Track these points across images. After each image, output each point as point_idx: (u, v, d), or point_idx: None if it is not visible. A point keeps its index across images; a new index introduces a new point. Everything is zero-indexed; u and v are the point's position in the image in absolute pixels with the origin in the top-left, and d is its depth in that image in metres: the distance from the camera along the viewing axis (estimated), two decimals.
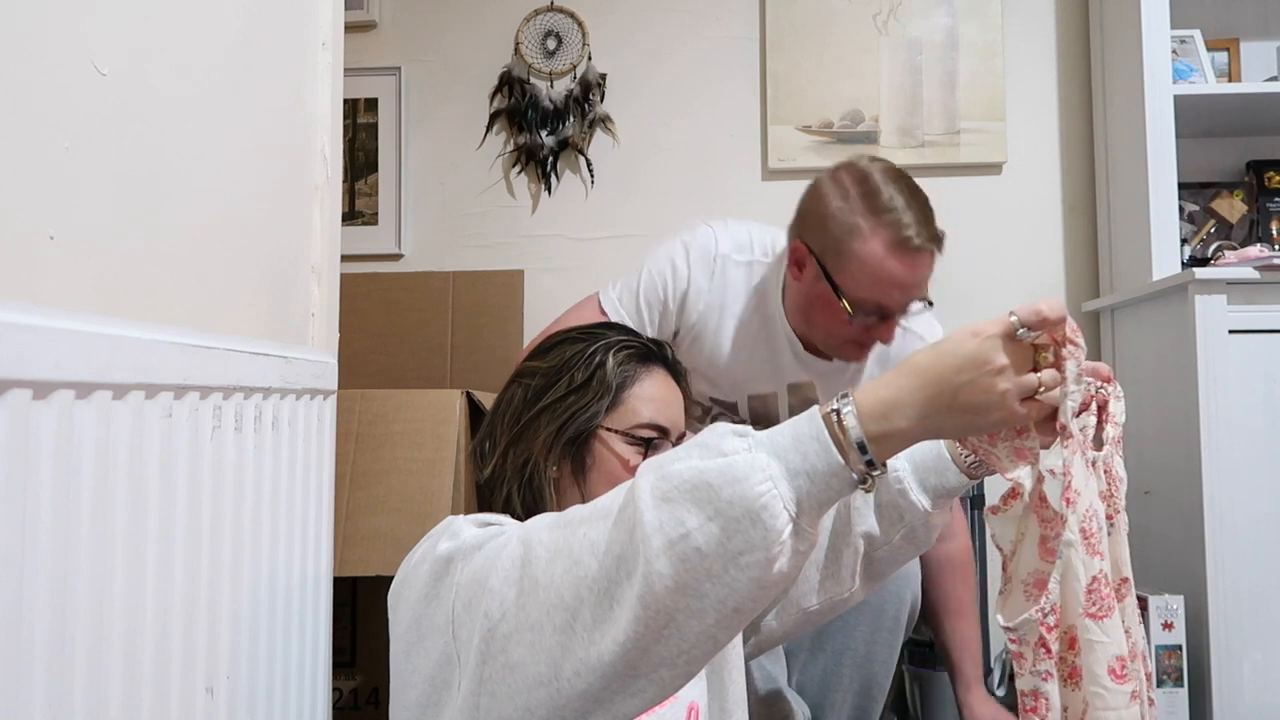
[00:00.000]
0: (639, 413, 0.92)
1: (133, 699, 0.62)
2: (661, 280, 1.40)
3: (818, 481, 0.61)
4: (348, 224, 2.20)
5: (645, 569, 0.60)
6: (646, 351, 0.96)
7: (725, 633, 0.62)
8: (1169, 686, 1.56)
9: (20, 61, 0.58)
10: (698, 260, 1.39)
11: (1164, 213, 1.85)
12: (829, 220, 1.26)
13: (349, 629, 1.54)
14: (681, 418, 0.97)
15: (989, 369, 0.65)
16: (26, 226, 0.58)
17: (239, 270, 0.89)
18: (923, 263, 1.28)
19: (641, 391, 0.93)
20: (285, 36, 1.00)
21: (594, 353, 0.93)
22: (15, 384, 0.51)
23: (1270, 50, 2.09)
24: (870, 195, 1.25)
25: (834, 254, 1.26)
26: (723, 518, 0.59)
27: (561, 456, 0.91)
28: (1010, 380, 0.65)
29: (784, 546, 0.60)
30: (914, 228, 1.25)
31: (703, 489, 0.60)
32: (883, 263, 1.24)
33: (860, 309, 1.26)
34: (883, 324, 1.28)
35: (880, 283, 1.24)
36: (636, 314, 1.42)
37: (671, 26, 2.25)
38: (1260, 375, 1.66)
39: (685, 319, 1.40)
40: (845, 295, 1.25)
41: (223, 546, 0.76)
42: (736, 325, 1.39)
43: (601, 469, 0.91)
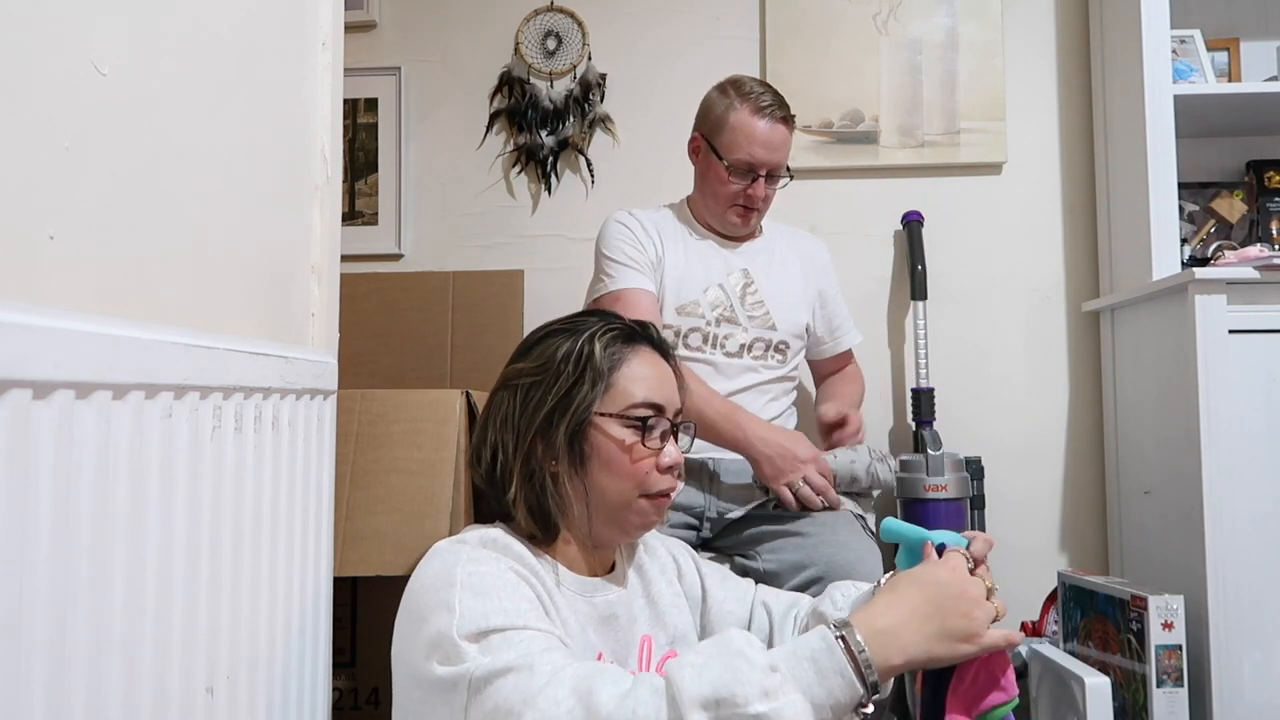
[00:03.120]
0: (631, 393, 0.93)
1: (133, 699, 0.62)
2: (620, 237, 1.69)
3: (838, 712, 0.71)
4: (348, 224, 2.20)
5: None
6: (631, 332, 0.97)
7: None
8: (1169, 686, 1.56)
9: (20, 61, 0.58)
10: (621, 215, 1.73)
11: (1164, 213, 1.85)
12: (711, 108, 1.69)
13: (349, 629, 1.54)
14: (676, 395, 0.98)
15: (972, 598, 0.78)
16: (26, 226, 0.58)
17: (239, 270, 0.89)
18: (778, 130, 1.64)
19: (631, 372, 0.94)
20: (285, 36, 1.00)
21: (582, 343, 0.93)
22: (15, 384, 0.51)
23: (1270, 50, 2.09)
24: (738, 84, 1.68)
25: (714, 129, 1.67)
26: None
27: (561, 450, 0.92)
28: (985, 610, 0.79)
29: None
30: (771, 105, 1.65)
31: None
32: (747, 124, 1.63)
33: (735, 170, 1.64)
34: (754, 183, 1.64)
35: (747, 140, 1.63)
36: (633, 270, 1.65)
37: (672, 27, 2.25)
38: (1260, 375, 1.66)
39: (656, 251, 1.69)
40: (724, 158, 1.64)
41: (223, 546, 0.76)
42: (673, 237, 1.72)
43: (601, 456, 0.92)
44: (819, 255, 1.83)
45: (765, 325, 1.69)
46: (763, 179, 1.65)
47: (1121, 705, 1.63)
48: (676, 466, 0.95)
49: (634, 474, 0.92)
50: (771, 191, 1.69)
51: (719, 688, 0.67)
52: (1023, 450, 2.12)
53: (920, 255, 2.07)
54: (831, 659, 0.71)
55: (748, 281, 1.70)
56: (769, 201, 1.70)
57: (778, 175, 1.67)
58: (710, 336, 1.67)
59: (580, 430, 0.92)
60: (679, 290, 1.68)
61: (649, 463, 0.93)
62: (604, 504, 0.93)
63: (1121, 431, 2.01)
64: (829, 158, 2.18)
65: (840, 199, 2.19)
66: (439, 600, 0.78)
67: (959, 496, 1.82)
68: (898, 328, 2.17)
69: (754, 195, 1.66)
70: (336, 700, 1.50)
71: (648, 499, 0.94)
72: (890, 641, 0.75)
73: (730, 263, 1.72)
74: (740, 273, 1.71)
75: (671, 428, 0.96)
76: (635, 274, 1.64)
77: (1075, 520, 2.11)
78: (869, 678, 0.72)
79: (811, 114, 2.19)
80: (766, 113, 1.64)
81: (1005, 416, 2.12)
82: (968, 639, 0.77)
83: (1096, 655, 1.72)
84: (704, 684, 0.68)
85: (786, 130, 1.66)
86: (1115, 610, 1.67)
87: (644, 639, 0.97)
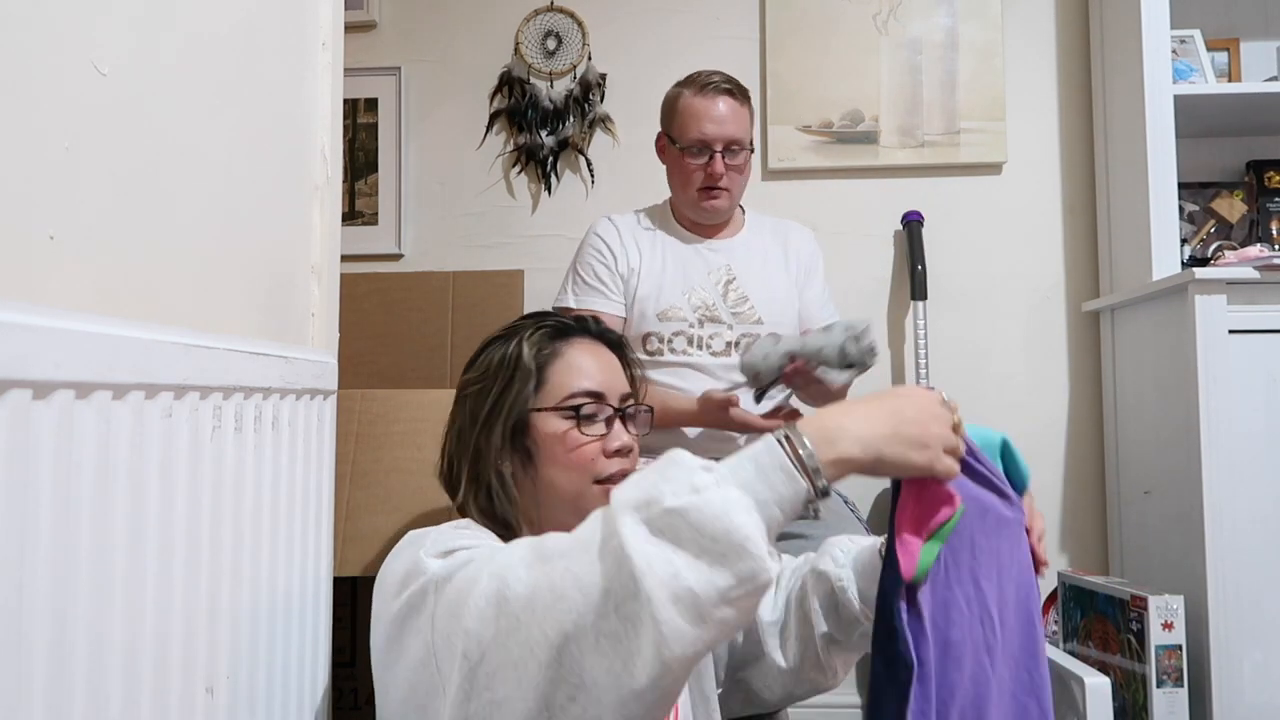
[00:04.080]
0: (566, 384, 0.95)
1: (133, 699, 0.62)
2: (594, 252, 1.72)
3: (784, 508, 0.66)
4: (348, 224, 2.20)
5: (641, 609, 0.62)
6: (563, 327, 0.99)
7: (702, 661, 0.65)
8: (1169, 686, 1.56)
9: (20, 61, 0.58)
10: (603, 226, 1.76)
11: (1164, 213, 1.85)
12: (666, 102, 1.72)
13: (349, 629, 1.54)
14: (619, 379, 0.98)
15: (933, 414, 0.75)
16: (26, 226, 0.58)
17: (239, 270, 0.89)
18: (724, 102, 1.65)
19: (565, 364, 0.96)
20: (285, 36, 1.00)
21: (513, 346, 0.96)
22: (15, 384, 0.51)
23: (1270, 50, 2.09)
24: (689, 75, 1.71)
25: (669, 120, 1.71)
26: (710, 555, 0.62)
27: (509, 452, 0.94)
28: (944, 430, 0.75)
29: (768, 573, 0.63)
30: (716, 81, 1.67)
31: (686, 528, 0.63)
32: (694, 104, 1.66)
33: (690, 151, 1.65)
34: (710, 160, 1.64)
35: (695, 119, 1.65)
36: (596, 291, 1.69)
37: (672, 27, 2.25)
38: (1260, 375, 1.66)
39: (628, 263, 1.71)
40: (679, 143, 1.67)
41: (223, 546, 0.76)
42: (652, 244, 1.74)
43: (544, 451, 0.94)
44: (803, 245, 1.80)
45: (751, 320, 1.68)
46: (719, 155, 1.64)
47: (1121, 705, 1.63)
48: (626, 449, 0.95)
49: (580, 463, 0.93)
50: (736, 169, 1.66)
51: (648, 489, 0.66)
52: (1023, 450, 2.10)
53: (920, 255, 2.07)
54: (772, 455, 0.67)
55: (730, 278, 1.70)
56: (737, 180, 1.68)
57: (736, 150, 1.66)
58: (695, 338, 1.66)
59: (521, 428, 0.94)
60: (658, 297, 1.68)
61: (593, 449, 0.93)
62: (558, 497, 0.94)
63: (1121, 431, 2.01)
64: (829, 158, 2.18)
65: (840, 199, 2.19)
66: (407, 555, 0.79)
67: None
68: (898, 328, 2.17)
69: (714, 173, 1.64)
70: (336, 700, 1.50)
71: (601, 485, 0.93)
72: (838, 435, 0.70)
73: (711, 261, 1.71)
74: (722, 270, 1.71)
75: (619, 413, 0.96)
76: (597, 296, 1.69)
77: (1075, 520, 2.11)
78: (811, 465, 0.67)
79: (811, 114, 2.19)
80: (710, 89, 1.65)
81: (1005, 416, 2.12)
82: (920, 446, 0.72)
83: (1096, 655, 1.72)
84: (636, 490, 0.66)
85: (734, 102, 1.65)
86: (1115, 610, 1.67)
87: None
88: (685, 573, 0.61)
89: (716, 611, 0.62)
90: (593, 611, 0.63)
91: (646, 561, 0.62)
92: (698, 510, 0.63)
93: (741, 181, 1.69)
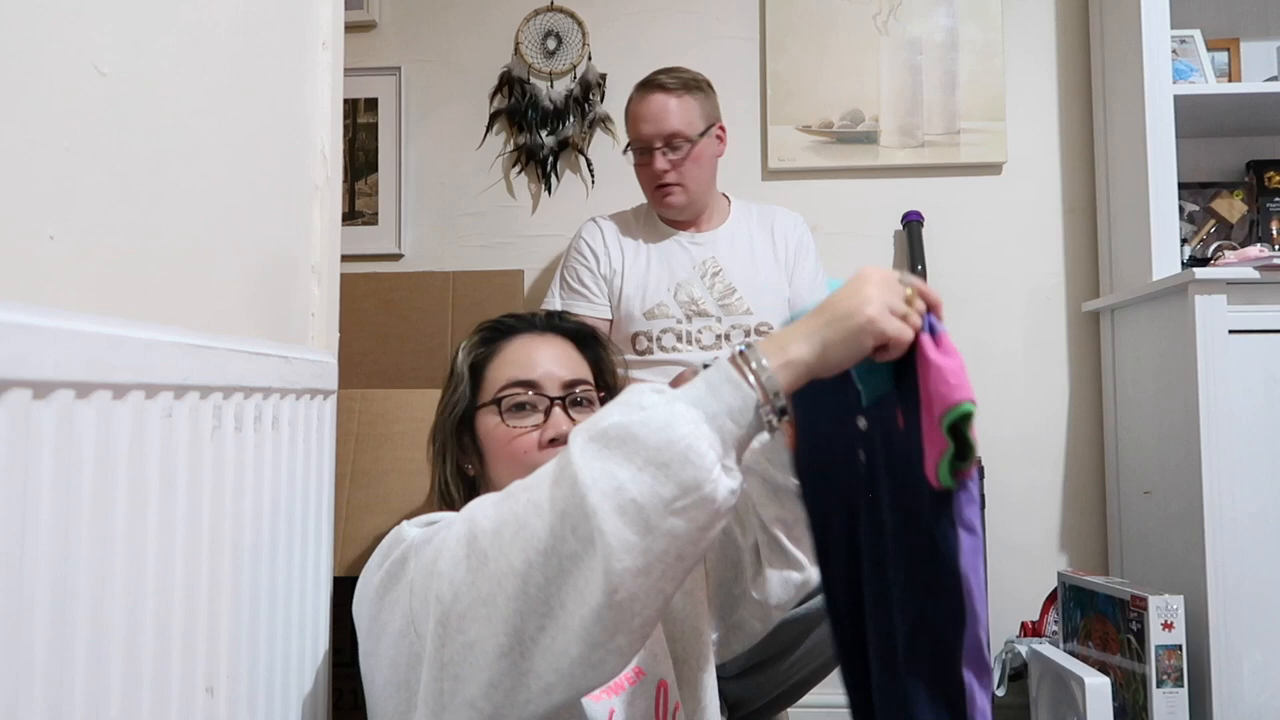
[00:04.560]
0: (497, 380, 0.96)
1: (133, 699, 0.62)
2: (578, 256, 1.75)
3: (736, 419, 0.65)
4: (348, 224, 2.20)
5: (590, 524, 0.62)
6: (502, 328, 1.01)
7: (671, 584, 0.64)
8: (1169, 686, 1.56)
9: (20, 61, 0.58)
10: (587, 229, 1.79)
11: (1164, 213, 1.85)
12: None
13: (349, 629, 1.54)
14: (564, 368, 0.97)
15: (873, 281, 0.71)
16: (26, 226, 0.58)
17: (239, 270, 0.89)
18: (656, 99, 1.65)
19: (500, 360, 0.98)
20: (285, 36, 1.00)
21: (453, 354, 1.01)
22: (15, 384, 0.51)
23: (1270, 50, 2.09)
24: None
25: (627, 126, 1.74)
26: (653, 465, 0.62)
27: (466, 454, 0.98)
28: (884, 292, 0.71)
29: (716, 484, 0.62)
30: (655, 78, 1.67)
31: (630, 441, 0.63)
32: (632, 106, 1.70)
33: (634, 151, 1.70)
34: (651, 157, 1.66)
35: (634, 120, 1.68)
36: (579, 295, 1.73)
37: (672, 27, 2.25)
38: (1260, 375, 1.66)
39: (610, 265, 1.73)
40: (629, 147, 1.71)
41: (223, 546, 0.76)
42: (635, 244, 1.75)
43: (488, 447, 0.95)
44: (790, 229, 1.78)
45: (740, 311, 1.68)
46: (659, 151, 1.64)
47: (1121, 705, 1.63)
48: (563, 438, 0.91)
49: (514, 455, 0.93)
50: (683, 161, 1.65)
51: (601, 414, 0.66)
52: (1023, 450, 2.12)
53: (920, 255, 2.07)
54: (720, 370, 0.67)
55: (715, 270, 1.70)
56: (690, 172, 1.66)
57: (678, 144, 1.64)
58: (683, 334, 1.67)
59: (470, 430, 0.97)
60: (643, 297, 1.69)
61: (526, 441, 0.93)
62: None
63: (1121, 431, 2.01)
64: (829, 158, 2.18)
65: (840, 199, 2.19)
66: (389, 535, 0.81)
67: None
68: None
69: (655, 170, 1.65)
70: (336, 700, 1.50)
71: None
72: (787, 340, 0.69)
73: (695, 255, 1.72)
74: (707, 262, 1.70)
75: (558, 400, 0.95)
76: (580, 300, 1.73)
77: (1075, 520, 2.11)
78: (762, 375, 0.66)
79: (811, 114, 2.19)
80: (645, 87, 1.67)
81: (1005, 416, 2.12)
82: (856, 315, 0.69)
83: (1096, 655, 1.72)
84: (592, 418, 0.67)
85: (666, 95, 1.64)
86: (1115, 610, 1.67)
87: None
88: (628, 484, 0.61)
89: (663, 522, 0.61)
90: (551, 535, 0.64)
91: (591, 477, 0.62)
92: (642, 424, 0.63)
93: (696, 173, 1.67)
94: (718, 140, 1.73)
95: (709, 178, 1.71)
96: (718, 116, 1.74)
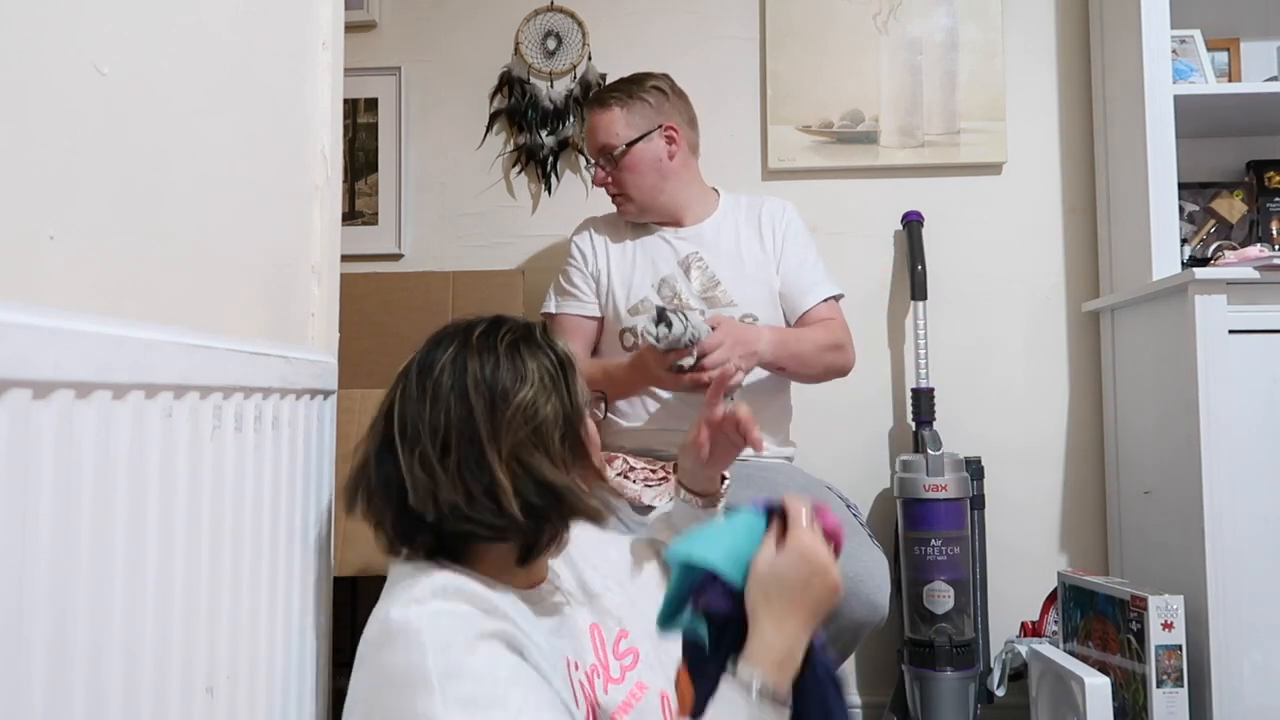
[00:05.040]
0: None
1: (133, 699, 0.62)
2: (570, 258, 1.79)
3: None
4: (348, 224, 2.20)
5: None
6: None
7: None
8: (1169, 686, 1.56)
9: (20, 61, 0.58)
10: (578, 231, 1.83)
11: (1164, 213, 1.85)
12: None
13: (349, 629, 1.54)
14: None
15: (832, 579, 0.83)
16: (26, 226, 0.58)
17: (239, 270, 0.89)
18: (594, 115, 1.72)
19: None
20: (285, 36, 1.00)
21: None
22: (15, 384, 0.51)
23: (1270, 50, 2.09)
24: None
25: None
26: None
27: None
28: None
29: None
30: (596, 93, 1.75)
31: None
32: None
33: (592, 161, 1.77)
34: (596, 170, 1.73)
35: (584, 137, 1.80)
36: (571, 297, 1.75)
37: (672, 26, 2.25)
38: (1260, 375, 1.66)
39: (597, 264, 1.75)
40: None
41: (223, 546, 0.76)
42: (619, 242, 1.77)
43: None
44: (777, 214, 1.76)
45: (724, 303, 1.66)
46: (598, 165, 1.71)
47: (1121, 705, 1.63)
48: None
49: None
50: (618, 174, 1.69)
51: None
52: (1023, 450, 2.12)
53: (920, 255, 2.07)
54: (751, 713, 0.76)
55: (699, 263, 1.70)
56: (629, 181, 1.69)
57: (609, 157, 1.69)
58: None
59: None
60: (628, 294, 1.70)
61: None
62: None
63: (1121, 431, 2.01)
64: (829, 158, 2.18)
65: (840, 199, 2.19)
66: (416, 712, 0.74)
67: (959, 496, 1.82)
68: (898, 328, 2.17)
69: (596, 182, 1.73)
70: (336, 700, 1.50)
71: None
72: (786, 660, 0.79)
73: (679, 249, 1.72)
74: (690, 256, 1.71)
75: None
76: (572, 301, 1.75)
77: (1075, 520, 2.11)
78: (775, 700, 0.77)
79: (811, 114, 2.19)
80: (588, 103, 1.76)
81: (1005, 416, 2.12)
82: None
83: (1096, 655, 1.72)
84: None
85: (598, 111, 1.70)
86: (1115, 610, 1.67)
87: (592, 627, 0.97)
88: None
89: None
90: None
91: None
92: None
93: (636, 180, 1.69)
94: (666, 142, 1.70)
95: (655, 182, 1.70)
96: (661, 119, 1.70)
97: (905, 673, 1.83)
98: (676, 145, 1.71)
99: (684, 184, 1.74)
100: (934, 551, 1.78)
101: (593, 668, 0.93)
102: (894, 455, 2.08)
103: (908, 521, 1.84)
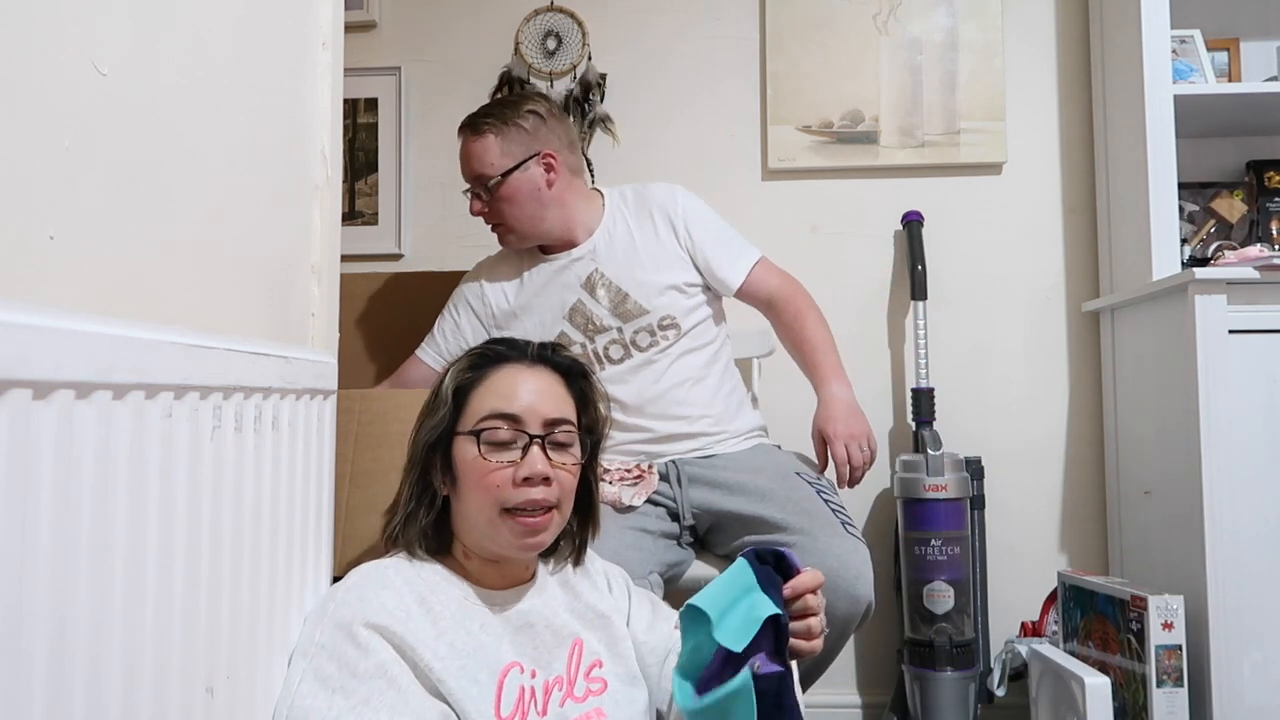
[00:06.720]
0: (479, 409, 0.95)
1: (132, 699, 0.62)
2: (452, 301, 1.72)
3: None
4: (348, 224, 2.20)
5: None
6: (491, 355, 1.00)
7: None
8: (1169, 686, 1.56)
9: (20, 61, 0.58)
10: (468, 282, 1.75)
11: (1164, 213, 1.85)
12: None
13: None
14: (549, 404, 0.96)
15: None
16: (26, 226, 0.58)
17: (239, 270, 0.89)
18: (464, 140, 1.63)
19: (485, 388, 0.97)
20: (285, 36, 1.00)
21: (440, 376, 1.01)
22: (15, 384, 0.51)
23: (1270, 50, 2.09)
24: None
25: None
26: None
27: (439, 473, 0.97)
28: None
29: None
30: (468, 119, 1.63)
31: None
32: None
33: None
34: (472, 198, 1.64)
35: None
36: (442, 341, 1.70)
37: (671, 26, 2.25)
38: (1260, 375, 1.66)
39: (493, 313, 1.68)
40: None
41: (223, 546, 0.76)
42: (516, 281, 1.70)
43: (463, 474, 0.95)
44: (666, 201, 1.66)
45: (636, 314, 1.59)
46: (473, 194, 1.62)
47: (1121, 705, 1.63)
48: (537, 478, 0.92)
49: (487, 488, 0.92)
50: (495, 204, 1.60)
51: None
52: (1023, 450, 2.12)
53: (920, 255, 2.07)
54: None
55: (599, 280, 1.61)
56: (507, 212, 1.60)
57: (483, 186, 1.60)
58: (594, 354, 1.60)
59: (446, 452, 0.96)
60: (543, 332, 1.61)
61: (500, 476, 0.92)
62: (472, 521, 0.95)
63: (1121, 432, 2.01)
64: (829, 158, 2.18)
65: (840, 199, 2.19)
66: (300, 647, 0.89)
67: (959, 496, 1.82)
68: (898, 328, 2.17)
69: (476, 212, 1.63)
70: None
71: (507, 515, 0.92)
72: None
73: (577, 272, 1.63)
74: (591, 275, 1.62)
75: (537, 439, 0.94)
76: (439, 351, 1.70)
77: (1075, 520, 2.11)
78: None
79: (811, 114, 2.19)
80: (460, 129, 1.65)
81: (1005, 417, 2.12)
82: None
83: (1096, 655, 1.72)
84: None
85: (474, 136, 1.60)
86: (1115, 610, 1.67)
87: (576, 641, 0.98)
88: None
89: None
90: None
91: None
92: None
93: (514, 211, 1.59)
94: (544, 170, 1.59)
95: (535, 211, 1.60)
96: (539, 146, 1.59)
97: (905, 673, 1.83)
98: (555, 173, 1.60)
99: (567, 207, 1.63)
100: (934, 551, 1.78)
101: (557, 679, 0.94)
102: (894, 455, 2.08)
103: (908, 521, 1.84)
